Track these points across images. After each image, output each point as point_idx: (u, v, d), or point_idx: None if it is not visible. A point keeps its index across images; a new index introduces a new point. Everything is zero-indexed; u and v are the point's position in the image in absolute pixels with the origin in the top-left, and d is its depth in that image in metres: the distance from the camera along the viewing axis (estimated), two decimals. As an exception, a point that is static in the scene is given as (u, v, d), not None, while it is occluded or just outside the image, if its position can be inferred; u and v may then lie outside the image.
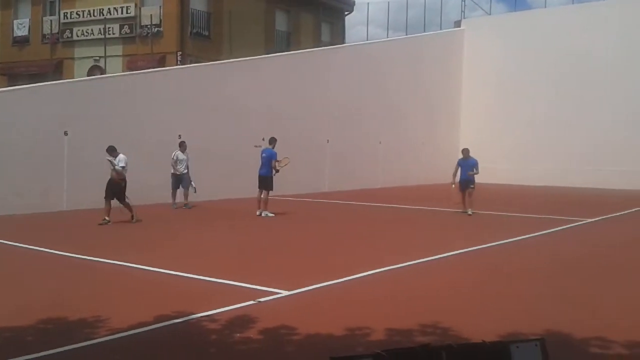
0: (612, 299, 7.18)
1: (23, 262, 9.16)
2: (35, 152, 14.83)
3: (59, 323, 5.79)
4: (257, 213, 14.58)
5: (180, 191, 16.20)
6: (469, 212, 15.32)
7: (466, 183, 15.53)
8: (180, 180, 16.09)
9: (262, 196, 14.71)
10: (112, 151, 13.13)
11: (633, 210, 17.24)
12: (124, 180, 13.16)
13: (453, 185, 15.69)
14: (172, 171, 16.00)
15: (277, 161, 14.59)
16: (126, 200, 13.26)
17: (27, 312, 6.09)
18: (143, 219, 13.29)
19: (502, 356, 1.76)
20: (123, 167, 13.04)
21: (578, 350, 5.10)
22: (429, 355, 1.65)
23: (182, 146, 16.19)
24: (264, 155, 14.79)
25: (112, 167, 13.10)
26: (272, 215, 14.49)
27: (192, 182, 16.25)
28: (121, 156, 13.10)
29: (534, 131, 27.46)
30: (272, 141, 14.96)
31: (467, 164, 15.62)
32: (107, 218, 12.86)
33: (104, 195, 13.09)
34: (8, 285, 7.65)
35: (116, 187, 13.12)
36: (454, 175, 15.64)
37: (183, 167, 16.01)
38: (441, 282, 8.01)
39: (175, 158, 16.00)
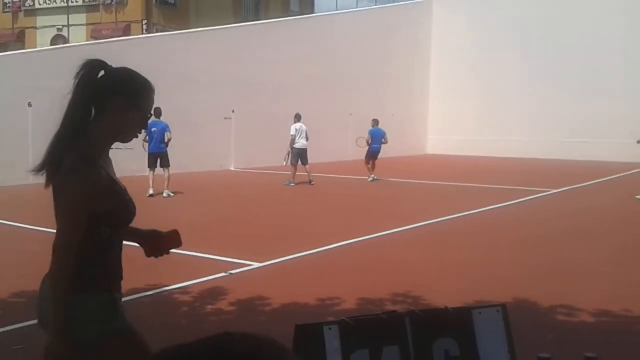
0: (585, 266, 7.41)
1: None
2: (-2, 124, 14.48)
3: (27, 296, 5.74)
4: (150, 192, 12.88)
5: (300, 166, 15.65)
6: (375, 178, 16.43)
7: (377, 152, 16.70)
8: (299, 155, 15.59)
9: (165, 174, 13.34)
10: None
11: (599, 180, 17.61)
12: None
13: (358, 143, 17.11)
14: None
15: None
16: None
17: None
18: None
19: (465, 321, 1.83)
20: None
21: (542, 317, 5.25)
22: (393, 321, 1.71)
23: (297, 117, 15.95)
24: (154, 129, 12.74)
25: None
26: (173, 194, 13.28)
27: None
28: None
29: (503, 103, 27.57)
30: (158, 113, 12.66)
31: (379, 134, 16.69)
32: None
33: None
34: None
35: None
36: (368, 141, 16.73)
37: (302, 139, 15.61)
38: (413, 252, 8.15)
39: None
